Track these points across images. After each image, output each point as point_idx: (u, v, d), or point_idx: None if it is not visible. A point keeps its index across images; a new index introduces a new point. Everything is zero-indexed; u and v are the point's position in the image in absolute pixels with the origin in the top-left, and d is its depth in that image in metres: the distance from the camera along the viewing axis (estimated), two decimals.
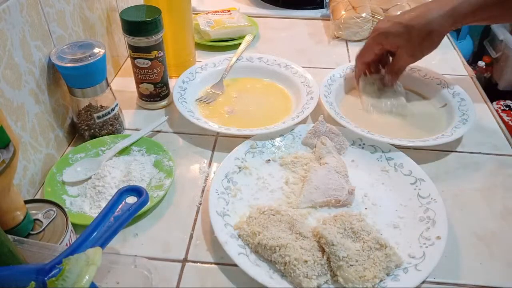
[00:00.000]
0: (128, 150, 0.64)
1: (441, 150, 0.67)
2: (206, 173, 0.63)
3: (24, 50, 0.54)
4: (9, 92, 0.52)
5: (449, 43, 0.98)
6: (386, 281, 0.47)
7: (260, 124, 0.69)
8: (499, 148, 0.68)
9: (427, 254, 0.49)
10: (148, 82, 0.72)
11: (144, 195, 0.46)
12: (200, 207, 0.58)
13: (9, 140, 0.40)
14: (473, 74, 0.87)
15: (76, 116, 0.66)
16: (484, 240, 0.54)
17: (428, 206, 0.56)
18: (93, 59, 0.60)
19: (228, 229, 0.52)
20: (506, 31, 2.05)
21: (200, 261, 0.51)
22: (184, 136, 0.70)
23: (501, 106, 1.86)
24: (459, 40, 2.14)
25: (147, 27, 0.66)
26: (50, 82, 0.61)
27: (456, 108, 0.72)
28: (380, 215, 0.56)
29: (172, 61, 0.81)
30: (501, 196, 0.61)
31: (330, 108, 0.70)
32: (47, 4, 0.59)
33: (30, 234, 0.46)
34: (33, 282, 0.36)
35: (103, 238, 0.41)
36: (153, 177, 0.60)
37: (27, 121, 0.56)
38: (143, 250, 0.52)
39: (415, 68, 0.81)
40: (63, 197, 0.57)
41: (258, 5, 1.13)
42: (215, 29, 0.93)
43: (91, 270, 0.35)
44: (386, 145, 0.65)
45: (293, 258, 0.47)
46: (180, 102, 0.72)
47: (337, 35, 0.98)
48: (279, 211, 0.54)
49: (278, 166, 0.63)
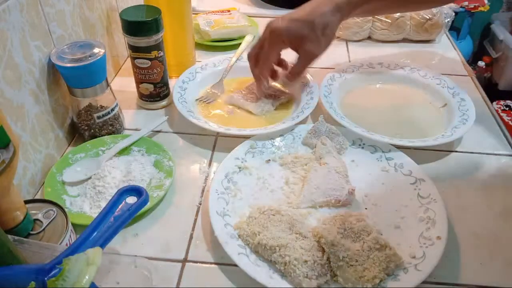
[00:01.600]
0: (128, 150, 0.64)
1: (441, 150, 0.67)
2: (206, 173, 0.63)
3: (24, 50, 0.54)
4: (9, 92, 0.52)
5: (449, 43, 0.98)
6: (386, 281, 0.47)
7: (260, 124, 0.69)
8: (499, 148, 0.68)
9: (427, 254, 0.49)
10: (148, 82, 0.72)
11: (144, 195, 0.46)
12: (200, 207, 0.58)
13: (9, 140, 0.40)
14: (473, 74, 0.87)
15: (76, 116, 0.66)
16: (484, 240, 0.54)
17: (428, 206, 0.56)
18: (93, 59, 0.60)
19: (228, 229, 0.52)
20: (506, 31, 2.06)
21: (200, 261, 0.51)
22: (184, 136, 0.70)
23: (501, 106, 1.86)
24: (459, 40, 2.14)
25: (147, 27, 0.66)
26: (50, 82, 0.61)
27: (456, 108, 0.72)
28: (380, 215, 0.56)
29: (172, 61, 0.81)
30: (501, 196, 0.61)
31: (330, 108, 0.70)
32: (47, 4, 0.59)
33: (30, 234, 0.46)
34: (33, 282, 0.36)
35: (103, 238, 0.41)
36: (153, 177, 0.60)
37: (27, 121, 0.56)
38: (143, 250, 0.52)
39: (415, 68, 0.81)
40: (63, 197, 0.57)
41: (258, 5, 1.13)
42: (215, 29, 0.93)
43: (91, 270, 0.35)
44: (386, 145, 0.65)
45: (293, 258, 0.47)
46: (180, 102, 0.72)
47: (337, 35, 0.98)
48: (279, 211, 0.54)
49: (278, 166, 0.63)
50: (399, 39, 0.97)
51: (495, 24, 2.12)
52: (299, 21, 0.64)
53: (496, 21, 2.13)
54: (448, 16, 0.95)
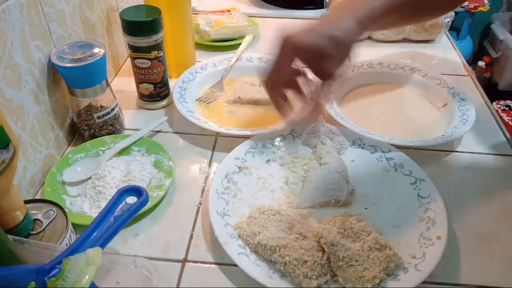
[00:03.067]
0: (128, 150, 0.64)
1: (441, 150, 0.67)
2: (206, 173, 0.63)
3: (24, 50, 0.54)
4: (9, 92, 0.52)
5: (449, 43, 0.98)
6: (386, 281, 0.47)
7: (260, 124, 0.69)
8: (499, 148, 0.68)
9: (427, 254, 0.49)
10: (148, 82, 0.72)
11: (144, 195, 0.46)
12: (200, 207, 0.58)
13: (9, 140, 0.40)
14: (473, 74, 0.87)
15: (76, 116, 0.66)
16: (484, 240, 0.54)
17: (428, 206, 0.56)
18: (93, 59, 0.60)
19: (228, 229, 0.52)
20: (506, 31, 2.06)
21: (200, 261, 0.51)
22: (184, 136, 0.70)
23: (501, 106, 1.86)
24: (459, 40, 2.14)
25: (147, 27, 0.66)
26: (50, 82, 0.61)
27: (456, 108, 0.72)
28: (380, 215, 0.56)
29: (172, 61, 0.81)
30: (501, 196, 0.61)
31: (330, 108, 0.70)
32: (47, 4, 0.59)
33: (30, 234, 0.46)
34: (33, 282, 0.36)
35: (103, 238, 0.41)
36: (153, 177, 0.60)
37: (27, 121, 0.56)
38: (143, 250, 0.52)
39: (415, 68, 0.81)
40: (63, 197, 0.57)
41: (258, 5, 1.13)
42: (215, 29, 0.93)
43: (91, 270, 0.35)
44: (386, 145, 0.65)
45: (293, 258, 0.47)
46: (180, 102, 0.72)
47: None
48: (279, 211, 0.54)
49: (278, 166, 0.63)
50: (399, 39, 0.97)
51: (495, 24, 2.12)
52: (321, 34, 0.54)
53: (496, 21, 2.13)
54: (448, 16, 0.95)
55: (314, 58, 0.55)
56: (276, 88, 0.59)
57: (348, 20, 0.55)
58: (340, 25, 0.55)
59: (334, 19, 0.56)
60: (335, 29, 0.54)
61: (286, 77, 0.59)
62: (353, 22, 0.55)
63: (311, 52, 0.54)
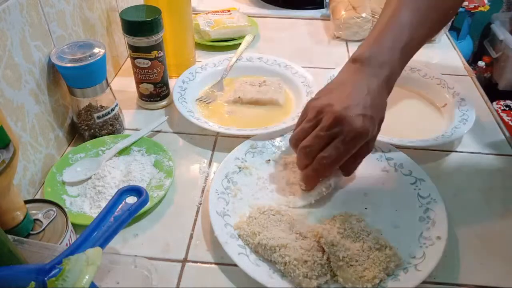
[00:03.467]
0: (128, 150, 0.64)
1: (441, 150, 0.67)
2: (206, 173, 0.63)
3: (24, 50, 0.54)
4: (9, 92, 0.52)
5: (449, 43, 0.98)
6: (386, 281, 0.47)
7: (260, 124, 0.69)
8: (499, 148, 0.68)
9: (427, 254, 0.49)
10: (148, 82, 0.72)
11: (144, 195, 0.46)
12: (200, 207, 0.58)
13: (9, 140, 0.40)
14: (473, 74, 0.87)
15: (76, 116, 0.66)
16: (484, 240, 0.54)
17: (428, 206, 0.56)
18: (93, 59, 0.60)
19: (228, 229, 0.52)
20: (506, 31, 2.06)
21: (200, 261, 0.51)
22: (184, 136, 0.70)
23: (501, 106, 1.86)
24: (459, 40, 2.14)
25: (147, 27, 0.66)
26: (50, 82, 0.61)
27: (456, 108, 0.72)
28: (380, 215, 0.56)
29: (172, 61, 0.81)
30: (501, 196, 0.61)
31: None
32: (47, 4, 0.59)
33: (30, 234, 0.46)
34: (33, 282, 0.36)
35: (103, 238, 0.41)
36: (153, 177, 0.60)
37: (27, 121, 0.56)
38: (143, 250, 0.52)
39: (415, 68, 0.81)
40: (63, 197, 0.57)
41: (258, 5, 1.13)
42: (215, 29, 0.93)
43: (91, 270, 0.35)
44: (386, 145, 0.65)
45: (293, 258, 0.47)
46: (180, 102, 0.72)
47: (337, 35, 0.98)
48: (279, 211, 0.54)
49: (278, 166, 0.63)
50: None
51: (495, 24, 2.12)
52: (371, 119, 0.52)
53: (496, 21, 2.13)
54: None
55: (364, 144, 0.53)
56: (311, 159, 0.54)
57: (384, 93, 0.54)
58: (380, 103, 0.54)
59: (375, 96, 0.53)
60: (379, 110, 0.54)
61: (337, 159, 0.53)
62: (386, 94, 0.54)
63: (364, 139, 0.52)
